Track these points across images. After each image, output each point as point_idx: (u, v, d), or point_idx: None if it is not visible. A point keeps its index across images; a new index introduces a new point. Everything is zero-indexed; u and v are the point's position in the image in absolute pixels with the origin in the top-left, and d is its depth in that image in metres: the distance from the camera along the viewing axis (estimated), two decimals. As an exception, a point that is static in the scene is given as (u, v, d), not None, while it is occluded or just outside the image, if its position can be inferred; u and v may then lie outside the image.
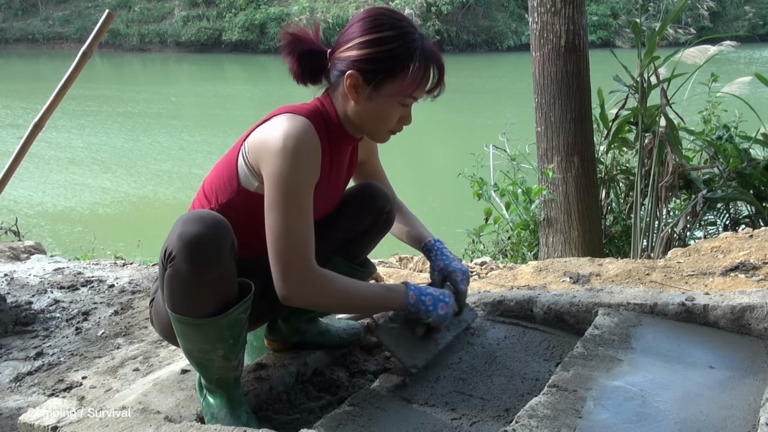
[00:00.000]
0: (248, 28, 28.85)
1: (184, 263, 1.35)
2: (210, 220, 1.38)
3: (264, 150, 1.45)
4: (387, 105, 1.50)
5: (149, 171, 10.66)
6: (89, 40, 2.51)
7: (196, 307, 1.41)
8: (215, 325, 1.43)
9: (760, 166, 4.10)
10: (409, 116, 1.56)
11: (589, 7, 25.90)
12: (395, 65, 1.46)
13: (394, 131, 1.58)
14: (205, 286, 1.39)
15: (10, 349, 2.39)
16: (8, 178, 2.67)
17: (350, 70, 1.47)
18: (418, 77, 1.48)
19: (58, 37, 30.16)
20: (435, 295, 1.61)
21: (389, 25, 1.47)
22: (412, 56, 1.46)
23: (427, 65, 1.49)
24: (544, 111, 4.03)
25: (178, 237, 1.36)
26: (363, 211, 1.74)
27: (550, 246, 4.15)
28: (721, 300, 1.75)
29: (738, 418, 1.34)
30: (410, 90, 1.49)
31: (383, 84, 1.48)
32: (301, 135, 1.44)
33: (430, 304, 1.60)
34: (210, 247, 1.36)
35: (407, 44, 1.46)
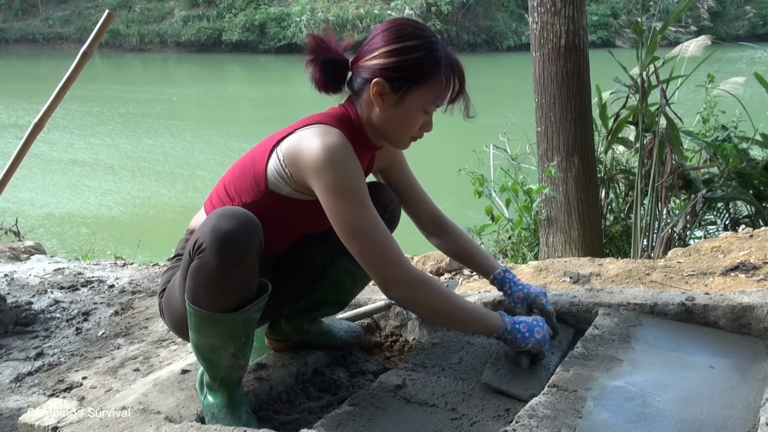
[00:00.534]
0: (248, 29, 28.85)
1: (213, 257, 1.37)
2: (244, 217, 1.39)
3: (307, 164, 1.46)
4: (411, 112, 1.53)
5: (151, 171, 10.66)
6: (89, 40, 2.51)
7: (217, 301, 1.42)
8: (231, 322, 1.45)
9: (759, 166, 4.10)
10: (430, 123, 1.60)
11: (589, 6, 25.90)
12: (421, 74, 1.50)
13: (415, 138, 1.61)
14: (230, 282, 1.40)
15: (11, 350, 2.39)
16: (8, 179, 2.67)
17: (376, 78, 1.50)
18: (442, 85, 1.52)
19: (58, 38, 30.17)
20: (528, 322, 1.60)
21: (414, 35, 1.51)
22: (438, 65, 1.50)
23: (450, 74, 1.53)
24: (545, 111, 4.03)
25: (210, 230, 1.37)
26: None
27: (550, 246, 4.15)
28: (721, 300, 1.75)
29: (738, 418, 1.34)
30: (434, 98, 1.53)
31: (409, 92, 1.51)
32: (343, 143, 1.48)
33: (526, 331, 1.58)
34: (241, 244, 1.37)
35: (432, 53, 1.50)
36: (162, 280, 1.69)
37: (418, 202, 1.85)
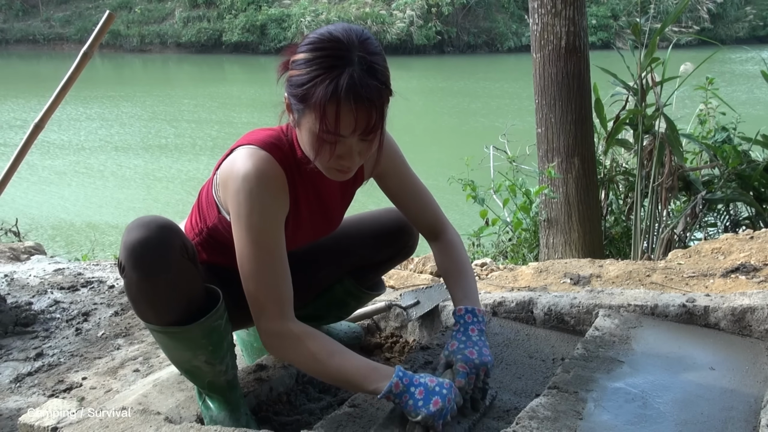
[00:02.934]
0: (248, 29, 28.86)
1: (132, 271, 1.32)
2: (153, 224, 1.33)
3: (227, 188, 1.39)
4: (310, 137, 1.31)
5: (152, 171, 10.66)
6: (90, 40, 2.51)
7: (162, 314, 1.38)
8: (189, 334, 1.41)
9: (759, 167, 4.10)
10: (349, 155, 1.32)
11: (589, 8, 25.90)
12: (306, 93, 1.26)
13: (339, 170, 1.36)
14: (161, 291, 1.35)
15: (10, 350, 2.39)
16: (9, 179, 2.67)
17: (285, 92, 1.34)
18: (322, 111, 1.25)
19: (59, 38, 30.16)
20: (429, 388, 1.31)
21: (318, 46, 1.27)
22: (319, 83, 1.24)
23: (336, 100, 1.23)
24: (545, 112, 4.03)
25: (123, 246, 1.33)
26: (385, 245, 1.69)
27: (550, 247, 4.15)
28: (721, 301, 1.75)
29: (739, 420, 1.33)
30: (324, 123, 1.26)
31: (303, 112, 1.29)
32: (261, 173, 1.35)
33: (420, 397, 1.29)
34: (156, 251, 1.31)
35: (325, 70, 1.25)
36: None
37: (417, 211, 1.65)
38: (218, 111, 15.81)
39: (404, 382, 1.31)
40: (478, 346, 1.46)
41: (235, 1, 29.33)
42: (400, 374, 1.32)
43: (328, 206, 1.57)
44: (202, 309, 1.42)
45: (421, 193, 1.64)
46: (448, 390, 1.32)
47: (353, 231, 1.71)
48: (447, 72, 23.61)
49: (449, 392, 1.32)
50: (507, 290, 2.55)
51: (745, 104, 10.12)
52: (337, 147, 1.30)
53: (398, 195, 1.63)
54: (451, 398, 1.32)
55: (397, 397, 1.30)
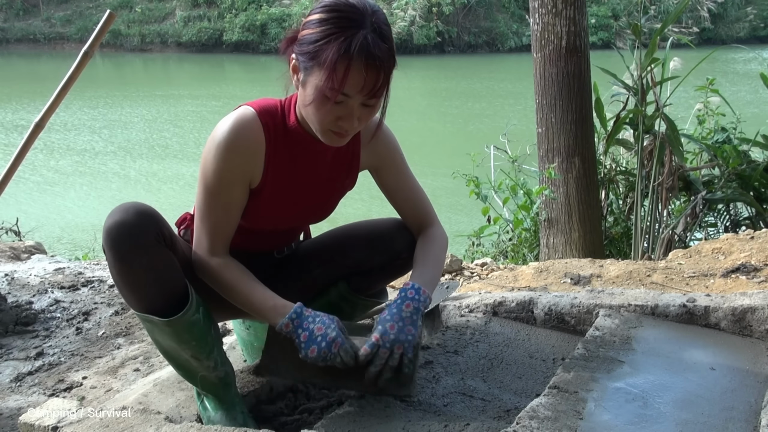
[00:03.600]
0: (249, 29, 28.87)
1: (110, 253, 1.35)
2: (132, 209, 1.37)
3: (209, 138, 1.47)
4: (315, 95, 1.34)
5: (152, 171, 10.66)
6: (90, 40, 2.51)
7: (140, 299, 1.41)
8: (167, 329, 1.43)
9: (759, 167, 4.10)
10: (348, 117, 1.36)
11: (590, 8, 25.89)
12: (318, 49, 1.30)
13: (336, 132, 1.39)
14: (137, 275, 1.37)
15: (11, 349, 2.39)
16: (9, 178, 2.67)
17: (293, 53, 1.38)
18: (331, 67, 1.29)
19: (60, 38, 30.17)
20: (313, 335, 1.41)
21: (331, 7, 1.32)
22: (332, 42, 1.29)
23: (347, 58, 1.28)
24: (545, 112, 4.03)
25: (103, 230, 1.37)
26: (376, 250, 1.65)
27: (550, 247, 4.15)
28: (722, 302, 1.75)
29: (739, 420, 1.33)
30: (332, 81, 1.29)
31: (311, 70, 1.33)
32: (238, 131, 1.43)
33: (303, 340, 1.42)
34: (132, 235, 1.34)
35: (337, 28, 1.29)
36: None
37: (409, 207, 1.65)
38: (222, 111, 15.78)
39: (294, 323, 1.44)
40: (402, 323, 1.45)
41: (236, 1, 29.33)
42: (293, 316, 1.44)
43: (313, 182, 1.56)
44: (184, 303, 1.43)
45: (415, 190, 1.66)
46: (327, 344, 1.41)
47: (350, 232, 1.71)
48: (448, 72, 23.62)
49: (328, 347, 1.40)
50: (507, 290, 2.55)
51: (750, 104, 10.09)
52: (339, 107, 1.34)
53: (393, 190, 1.64)
54: (329, 352, 1.40)
55: (288, 334, 1.45)
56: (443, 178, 7.32)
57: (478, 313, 1.97)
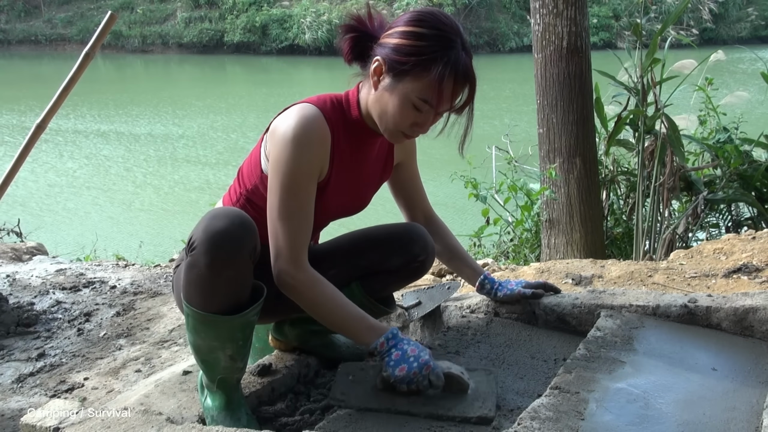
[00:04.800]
0: (250, 30, 28.86)
1: (203, 256, 1.36)
2: (237, 219, 1.39)
3: (274, 137, 1.49)
4: (401, 102, 1.46)
5: (152, 171, 10.67)
6: (92, 41, 2.51)
7: (208, 301, 1.42)
8: (228, 324, 1.44)
9: (761, 167, 4.10)
10: (425, 124, 1.50)
11: (591, 8, 25.86)
12: (418, 63, 1.42)
13: (407, 135, 1.53)
14: (220, 282, 1.39)
15: (12, 350, 2.39)
16: (11, 179, 2.67)
17: (378, 56, 1.47)
18: (436, 84, 1.42)
19: (61, 39, 30.20)
20: (405, 354, 1.47)
21: (430, 24, 1.44)
22: (438, 61, 1.41)
23: (452, 77, 1.43)
24: (546, 113, 4.03)
25: (203, 230, 1.38)
26: (394, 251, 1.70)
27: (552, 247, 4.15)
28: (723, 302, 1.75)
29: (741, 421, 1.33)
30: (426, 94, 1.44)
31: (402, 78, 1.44)
32: (307, 126, 1.46)
33: (395, 359, 1.47)
34: (231, 245, 1.37)
35: (439, 48, 1.42)
36: (179, 256, 1.69)
37: (417, 199, 1.86)
38: (227, 112, 15.77)
39: (390, 344, 1.48)
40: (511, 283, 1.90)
41: (237, 2, 29.35)
42: (389, 336, 1.49)
43: (364, 179, 1.66)
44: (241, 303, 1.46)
45: (421, 183, 1.87)
46: (419, 366, 1.46)
47: (367, 235, 1.76)
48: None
49: (420, 368, 1.46)
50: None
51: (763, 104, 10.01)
52: (419, 114, 1.47)
53: (406, 184, 1.82)
54: (419, 373, 1.45)
55: (378, 354, 1.49)
56: (443, 178, 7.33)
57: (479, 313, 1.97)
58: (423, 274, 1.76)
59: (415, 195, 1.85)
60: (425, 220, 1.87)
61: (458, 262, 1.89)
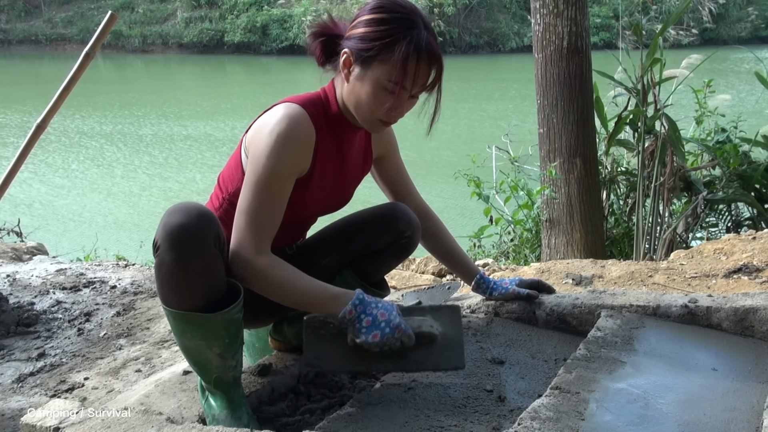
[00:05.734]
0: (250, 30, 28.88)
1: (167, 252, 1.36)
2: (195, 211, 1.38)
3: (256, 136, 1.50)
4: (372, 87, 1.48)
5: (152, 171, 10.67)
6: (92, 41, 2.51)
7: (184, 299, 1.41)
8: (210, 323, 1.44)
9: (760, 167, 4.10)
10: (399, 107, 1.52)
11: (591, 8, 25.85)
12: (382, 46, 1.45)
13: (384, 121, 1.55)
14: (190, 276, 1.39)
15: (13, 350, 2.39)
16: (11, 179, 2.68)
17: (346, 48, 1.50)
18: (400, 63, 1.44)
19: (61, 39, 30.21)
20: (377, 320, 1.48)
21: (389, 8, 1.48)
22: (400, 41, 1.44)
23: (415, 55, 1.45)
24: (547, 113, 4.03)
25: (162, 227, 1.37)
26: (381, 231, 1.73)
27: (552, 248, 4.15)
28: (724, 302, 1.75)
29: (741, 421, 1.33)
30: (394, 75, 1.45)
31: (370, 64, 1.47)
32: (293, 124, 1.47)
33: (366, 326, 1.48)
34: (193, 237, 1.36)
35: (401, 29, 1.45)
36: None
37: (406, 194, 1.86)
38: (231, 114, 15.75)
39: (358, 309, 1.49)
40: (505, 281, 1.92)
41: (237, 2, 29.35)
42: (356, 302, 1.49)
43: (347, 171, 1.67)
44: (221, 301, 1.46)
45: (409, 177, 1.87)
46: (391, 330, 1.48)
47: (353, 220, 1.78)
48: (449, 72, 23.23)
49: (392, 332, 1.48)
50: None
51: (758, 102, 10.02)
52: (393, 99, 1.48)
53: (393, 176, 1.83)
54: (392, 337, 1.48)
55: (349, 321, 1.49)
56: (443, 178, 7.32)
57: (479, 313, 1.97)
58: (412, 250, 1.78)
59: (404, 189, 1.87)
60: (418, 215, 1.86)
61: (453, 259, 1.90)
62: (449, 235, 1.91)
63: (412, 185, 1.87)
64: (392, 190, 1.86)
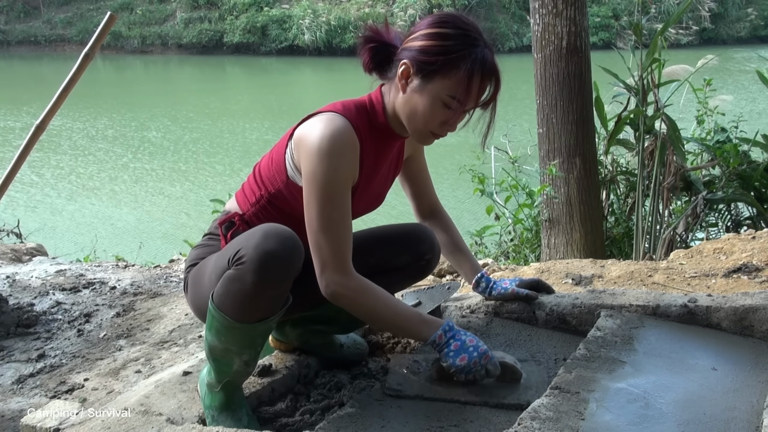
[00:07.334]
0: (250, 30, 28.85)
1: (251, 274, 1.37)
2: (290, 242, 1.40)
3: (303, 149, 1.49)
4: (431, 102, 1.49)
5: (153, 172, 10.67)
6: (91, 42, 2.51)
7: (243, 313, 1.43)
8: (251, 332, 1.46)
9: (760, 167, 4.10)
10: (453, 122, 1.53)
11: (590, 8, 25.83)
12: (447, 62, 1.46)
13: (436, 135, 1.56)
14: (261, 300, 1.41)
15: (12, 351, 2.39)
16: (10, 180, 2.67)
17: (405, 59, 1.49)
18: (465, 80, 1.46)
19: (60, 40, 30.18)
20: (465, 345, 1.53)
21: (453, 24, 1.49)
22: (466, 58, 1.46)
23: (479, 73, 1.47)
24: (546, 113, 4.03)
25: (254, 247, 1.38)
26: (402, 250, 1.75)
27: (552, 247, 4.15)
28: (723, 302, 1.75)
29: (741, 420, 1.33)
30: (456, 91, 1.47)
31: (432, 78, 1.47)
32: (338, 136, 1.47)
33: (454, 350, 1.53)
34: (281, 269, 1.38)
35: (465, 46, 1.46)
36: (191, 255, 1.69)
37: (425, 190, 1.90)
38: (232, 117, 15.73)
39: (447, 335, 1.54)
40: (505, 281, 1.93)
41: (237, 3, 29.34)
42: (446, 328, 1.54)
43: (382, 180, 1.69)
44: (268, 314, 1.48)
45: (428, 176, 1.91)
46: (479, 355, 1.52)
47: (376, 233, 1.81)
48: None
49: (479, 357, 1.52)
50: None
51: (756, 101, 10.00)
52: (448, 113, 1.50)
53: (415, 175, 1.86)
54: (479, 362, 1.52)
55: (437, 346, 1.54)
56: (442, 179, 7.33)
57: (479, 313, 1.97)
58: (429, 273, 1.81)
59: (423, 186, 1.90)
60: (431, 211, 1.92)
61: (459, 256, 1.91)
62: (457, 232, 1.94)
63: (430, 183, 1.91)
64: (412, 186, 1.89)
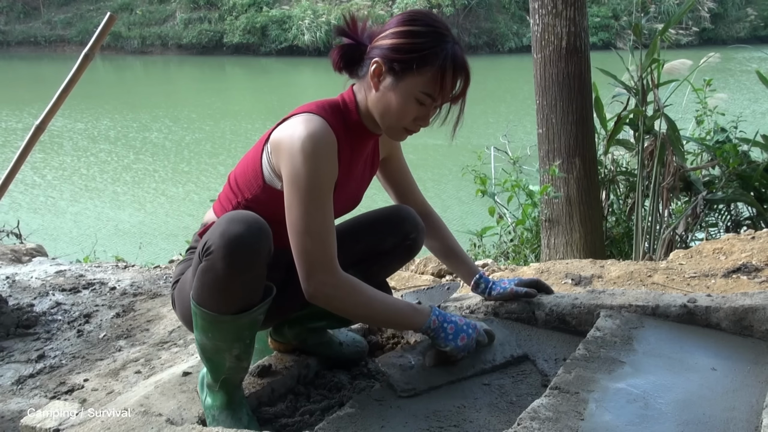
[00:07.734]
0: (249, 31, 28.85)
1: (221, 261, 1.37)
2: (255, 224, 1.39)
3: (282, 152, 1.49)
4: (404, 98, 1.50)
5: (153, 173, 10.67)
6: (91, 42, 2.51)
7: (221, 304, 1.42)
8: (236, 324, 1.45)
9: (759, 167, 4.10)
10: (426, 117, 1.55)
11: (590, 8, 25.83)
12: (419, 59, 1.47)
13: (409, 130, 1.58)
14: (236, 287, 1.41)
15: (12, 352, 2.39)
16: (10, 181, 2.67)
17: (377, 58, 1.50)
18: (438, 77, 1.48)
19: (60, 40, 30.17)
20: (459, 325, 1.61)
21: (423, 22, 1.50)
22: (438, 54, 1.47)
23: (451, 69, 1.49)
24: (546, 113, 4.03)
25: (220, 234, 1.38)
26: (387, 232, 1.75)
27: (551, 248, 4.15)
28: (723, 302, 1.75)
29: (741, 420, 1.33)
30: (429, 87, 1.49)
31: (404, 76, 1.49)
32: (317, 137, 1.47)
33: (451, 332, 1.59)
34: (249, 251, 1.37)
35: (436, 42, 1.48)
36: (176, 271, 1.69)
37: (409, 194, 1.89)
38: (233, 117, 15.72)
39: (439, 319, 1.59)
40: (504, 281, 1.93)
41: (236, 3, 29.33)
42: (436, 313, 1.60)
43: (359, 179, 1.69)
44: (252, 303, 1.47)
45: (411, 177, 1.90)
46: (472, 330, 1.63)
47: (358, 221, 1.80)
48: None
49: (473, 332, 1.63)
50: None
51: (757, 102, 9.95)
52: (421, 108, 1.52)
53: (396, 177, 1.86)
54: (474, 337, 1.63)
55: (433, 332, 1.59)
56: (446, 181, 7.33)
57: (479, 314, 1.97)
58: (416, 251, 1.81)
59: (407, 189, 1.89)
60: (420, 214, 1.89)
61: (455, 260, 1.91)
62: (450, 235, 1.92)
63: (414, 185, 1.90)
64: (395, 189, 1.88)
